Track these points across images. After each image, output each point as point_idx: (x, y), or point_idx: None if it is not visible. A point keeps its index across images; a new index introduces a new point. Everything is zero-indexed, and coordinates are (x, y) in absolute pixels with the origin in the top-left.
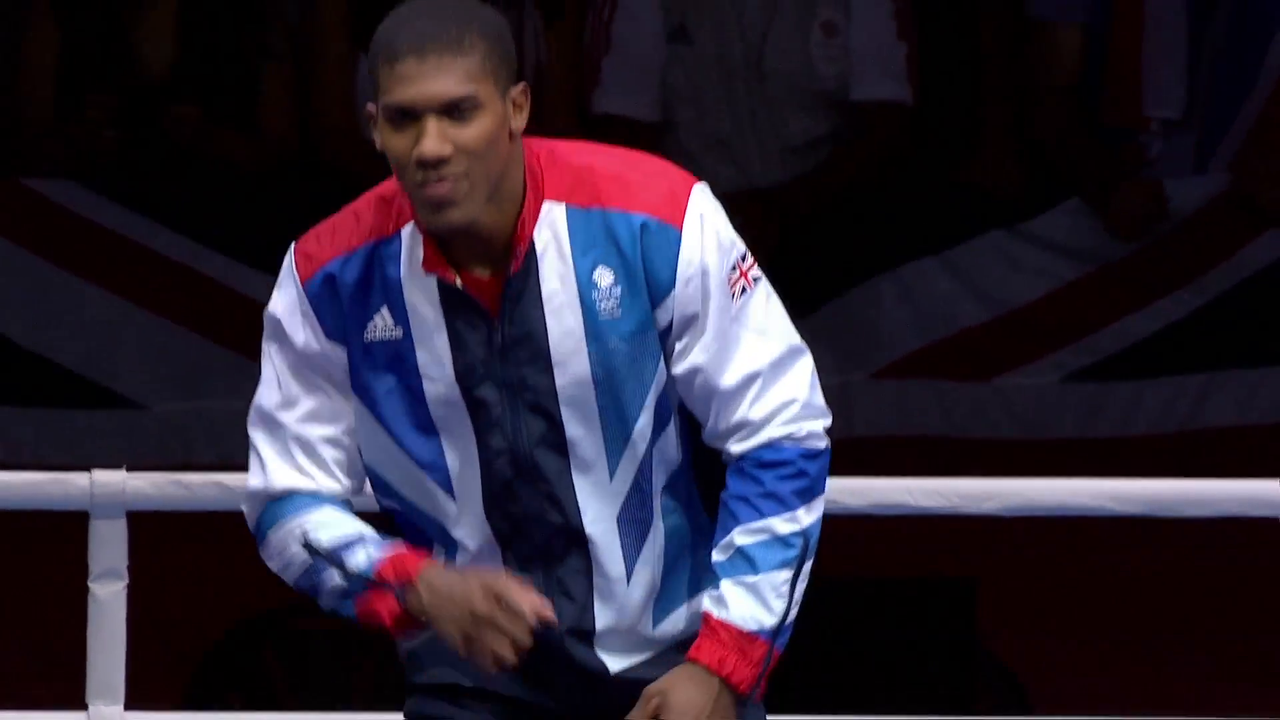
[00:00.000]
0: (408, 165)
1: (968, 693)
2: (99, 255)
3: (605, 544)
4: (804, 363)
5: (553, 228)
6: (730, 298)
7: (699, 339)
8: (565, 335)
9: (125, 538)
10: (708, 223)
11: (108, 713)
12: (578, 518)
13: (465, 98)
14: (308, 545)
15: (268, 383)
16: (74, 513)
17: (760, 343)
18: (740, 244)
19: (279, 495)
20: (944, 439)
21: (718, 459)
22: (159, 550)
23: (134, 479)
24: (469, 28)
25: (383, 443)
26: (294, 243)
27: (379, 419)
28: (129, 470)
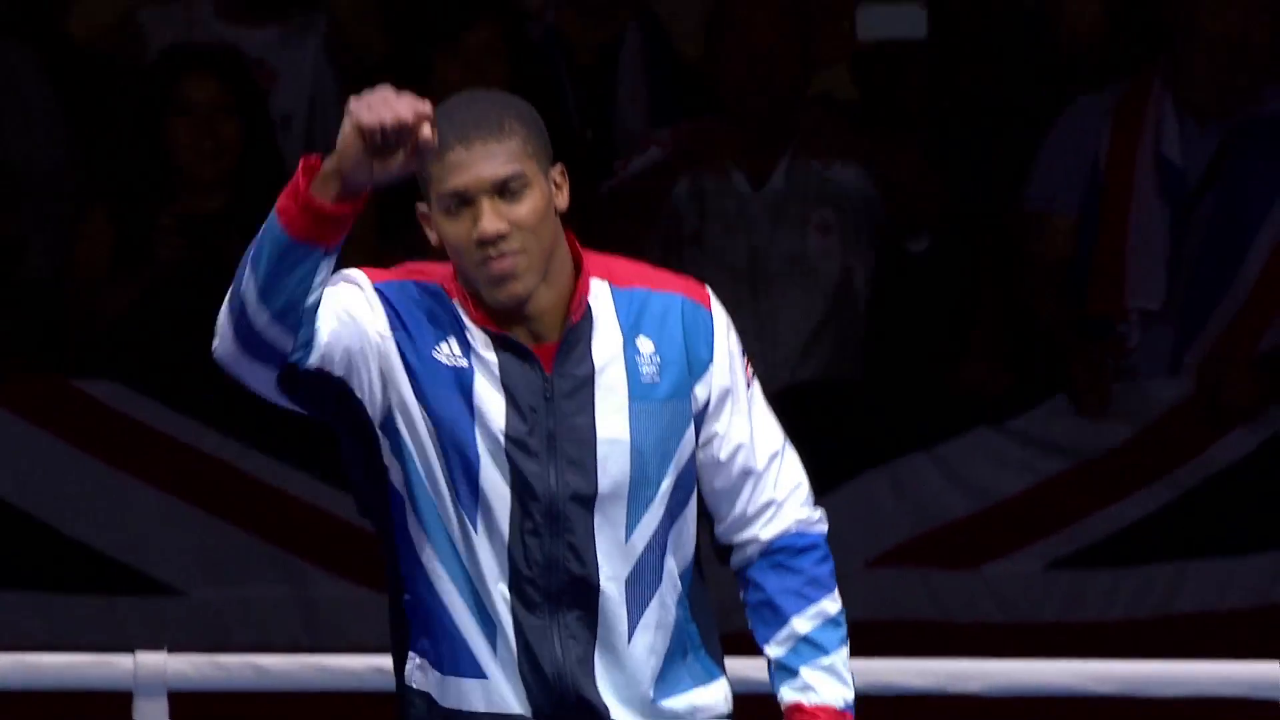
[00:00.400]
0: (468, 247)
1: None
2: (142, 452)
3: (613, 599)
4: (791, 447)
5: (601, 298)
6: (747, 384)
7: (734, 420)
8: (610, 392)
9: (167, 717)
10: (725, 313)
11: None
12: (593, 569)
13: (514, 176)
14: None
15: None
16: (118, 693)
17: (771, 426)
18: (740, 341)
19: None
20: (934, 623)
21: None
22: None
23: (175, 660)
24: (506, 114)
25: (430, 461)
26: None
27: (438, 437)
28: (170, 652)
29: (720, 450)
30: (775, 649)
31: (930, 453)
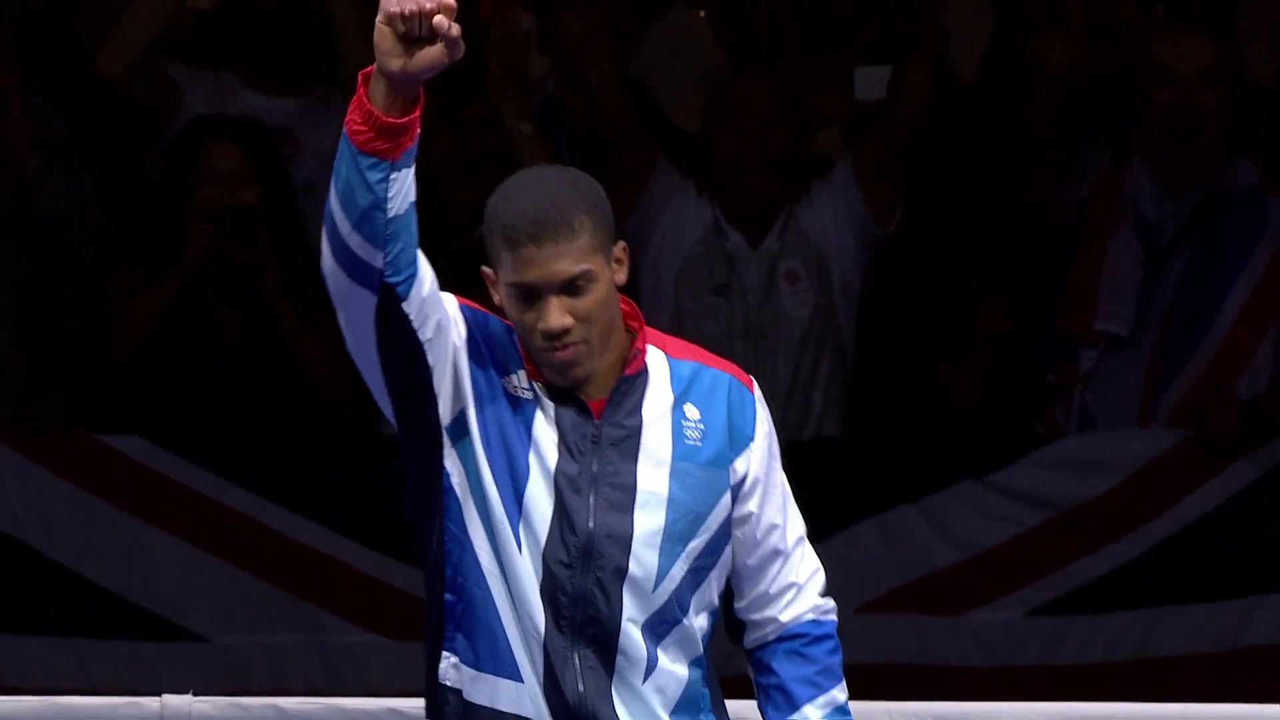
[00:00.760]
0: (532, 333)
1: None
2: (167, 505)
3: (632, 641)
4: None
5: (657, 363)
6: (781, 473)
7: (768, 501)
8: (655, 448)
9: None
10: (763, 400)
11: None
12: (617, 609)
13: (580, 274)
14: None
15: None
16: None
17: (796, 513)
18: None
19: None
20: (921, 667)
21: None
22: None
23: (199, 703)
24: (576, 207)
25: (486, 472)
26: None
27: (496, 452)
28: (195, 695)
29: (755, 529)
30: None
31: (917, 505)
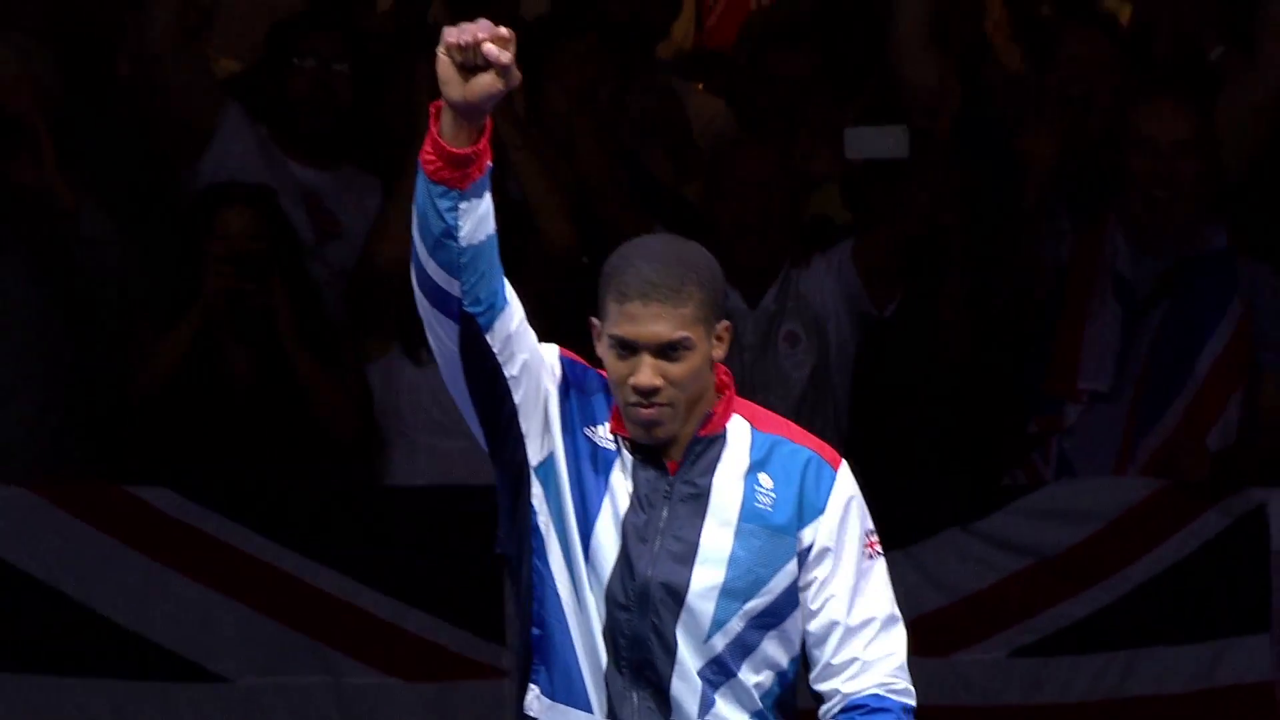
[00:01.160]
0: (623, 386)
1: None
2: (191, 552)
3: (688, 685)
4: (902, 629)
5: (739, 432)
6: (863, 555)
7: (835, 573)
8: (723, 507)
9: None
10: (855, 484)
11: None
12: (671, 654)
13: (679, 341)
14: None
15: None
16: None
17: (878, 598)
18: (870, 518)
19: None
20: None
21: None
22: None
23: None
24: (689, 277)
25: (567, 514)
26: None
27: (574, 496)
28: None
29: (814, 598)
30: None
31: (906, 552)
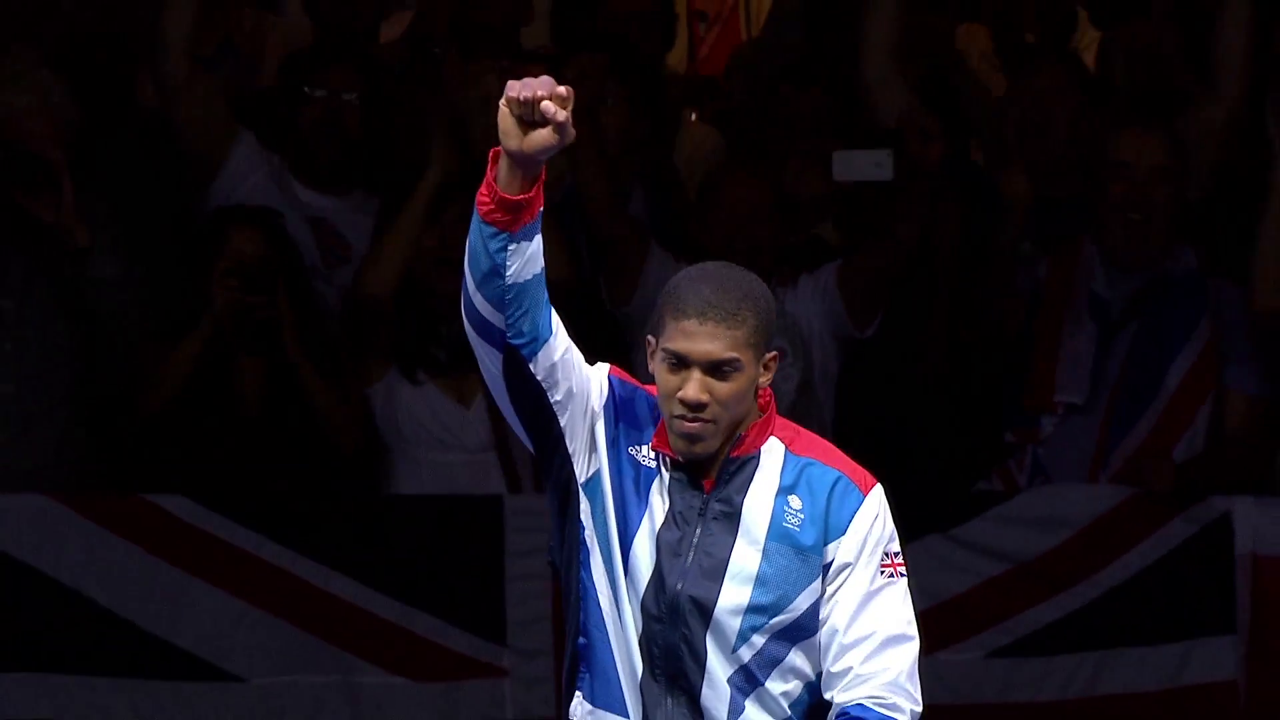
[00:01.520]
0: (671, 399)
1: None
2: (208, 558)
3: (719, 693)
4: (911, 648)
5: (773, 452)
6: (879, 573)
7: (846, 587)
8: (755, 525)
9: None
10: (883, 508)
11: None
12: (701, 664)
13: (729, 361)
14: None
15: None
16: None
17: (888, 616)
18: (897, 542)
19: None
20: None
21: None
22: None
23: None
24: (746, 303)
25: (610, 529)
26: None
27: (615, 512)
28: None
29: (825, 609)
30: None
31: None
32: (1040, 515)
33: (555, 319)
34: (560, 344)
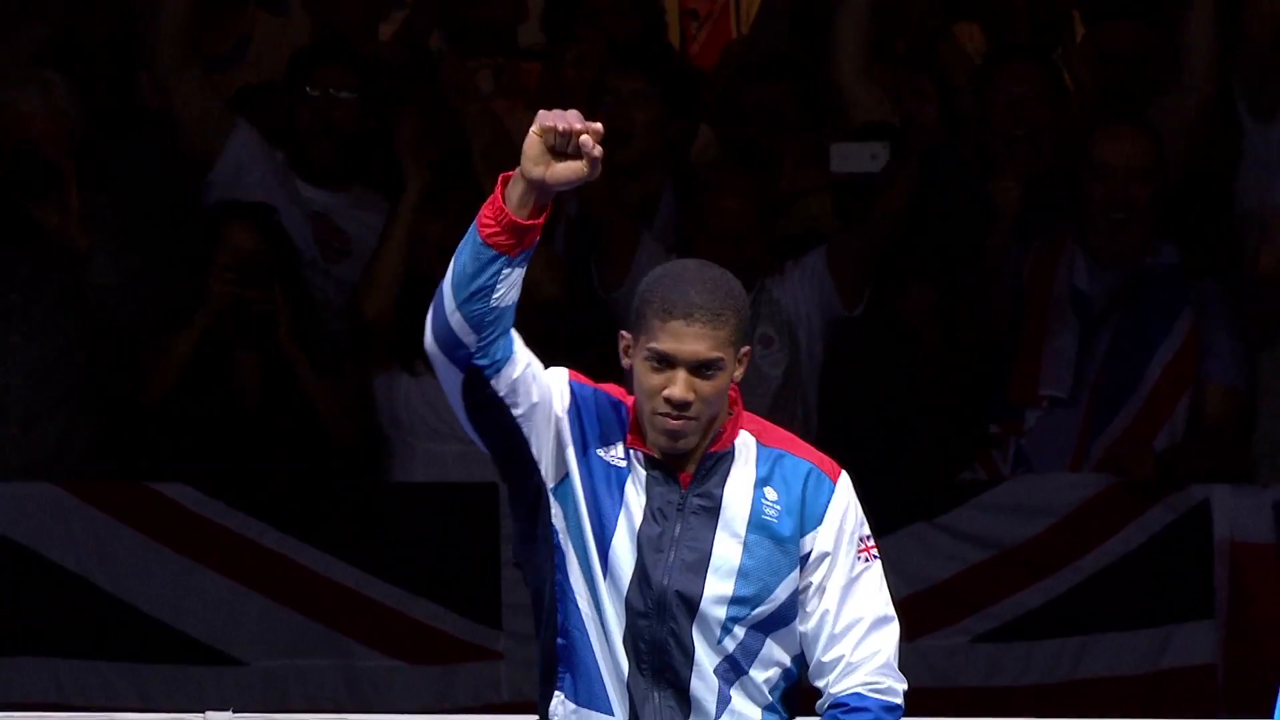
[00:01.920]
0: (654, 397)
1: None
2: (210, 544)
3: (706, 684)
4: (894, 629)
5: (746, 446)
6: (857, 559)
7: (829, 577)
8: (733, 519)
9: None
10: (852, 494)
11: None
12: (689, 657)
13: (715, 361)
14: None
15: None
16: None
17: (869, 600)
18: (867, 525)
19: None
20: None
21: None
22: None
23: (239, 719)
24: (728, 303)
25: (585, 530)
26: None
27: (590, 512)
28: (235, 712)
29: (809, 601)
30: None
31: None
32: (1024, 503)
33: (516, 336)
34: (521, 359)
